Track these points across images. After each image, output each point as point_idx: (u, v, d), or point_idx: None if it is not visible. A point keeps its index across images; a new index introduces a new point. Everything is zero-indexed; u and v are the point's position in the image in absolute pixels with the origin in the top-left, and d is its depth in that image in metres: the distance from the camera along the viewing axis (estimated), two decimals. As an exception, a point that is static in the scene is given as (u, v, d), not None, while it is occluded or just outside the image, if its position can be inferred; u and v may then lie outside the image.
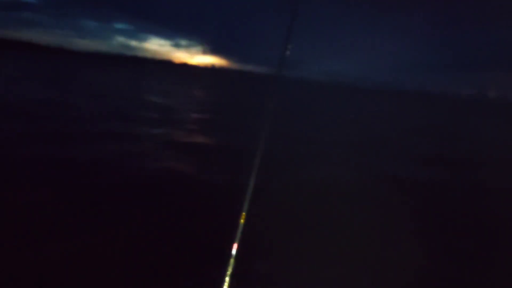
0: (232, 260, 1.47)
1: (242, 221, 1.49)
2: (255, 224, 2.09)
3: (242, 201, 1.52)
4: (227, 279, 1.45)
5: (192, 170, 6.44)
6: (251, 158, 1.60)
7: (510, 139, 18.10)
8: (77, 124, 9.57)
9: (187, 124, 12.08)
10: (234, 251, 1.49)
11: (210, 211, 4.55)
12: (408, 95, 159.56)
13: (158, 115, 12.88)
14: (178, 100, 20.52)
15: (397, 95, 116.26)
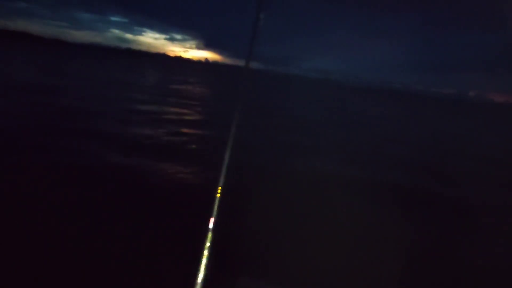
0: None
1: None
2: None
3: None
4: None
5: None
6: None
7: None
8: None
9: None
10: None
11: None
12: (395, 93, 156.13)
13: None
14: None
15: (384, 93, 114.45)
